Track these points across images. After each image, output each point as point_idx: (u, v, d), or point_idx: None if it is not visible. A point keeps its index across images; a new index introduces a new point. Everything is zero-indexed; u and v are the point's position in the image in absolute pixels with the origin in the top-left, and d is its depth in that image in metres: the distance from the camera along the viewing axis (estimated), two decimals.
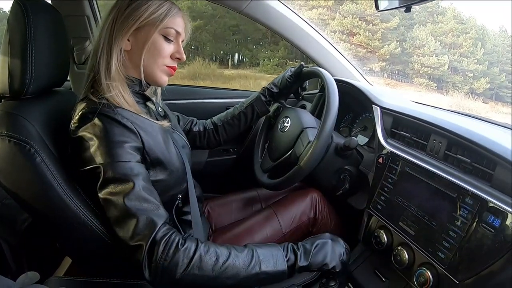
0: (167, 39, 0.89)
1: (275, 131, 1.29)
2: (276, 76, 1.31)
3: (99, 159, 0.74)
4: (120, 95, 0.83)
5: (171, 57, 0.92)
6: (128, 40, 0.87)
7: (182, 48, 0.93)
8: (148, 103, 0.96)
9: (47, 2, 0.86)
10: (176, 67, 0.94)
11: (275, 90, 1.27)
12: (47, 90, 0.89)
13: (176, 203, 0.95)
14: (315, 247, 0.85)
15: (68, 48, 0.93)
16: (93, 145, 0.75)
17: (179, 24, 0.91)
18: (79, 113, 0.78)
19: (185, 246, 0.72)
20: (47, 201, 0.75)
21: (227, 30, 17.93)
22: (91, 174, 0.76)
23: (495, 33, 18.60)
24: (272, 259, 0.79)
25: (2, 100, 0.82)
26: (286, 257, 0.81)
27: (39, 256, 1.32)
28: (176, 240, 0.72)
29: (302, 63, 1.25)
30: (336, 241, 0.89)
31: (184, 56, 0.93)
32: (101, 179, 0.74)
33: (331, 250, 0.86)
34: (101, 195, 0.74)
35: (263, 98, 1.27)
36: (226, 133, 1.30)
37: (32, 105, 0.80)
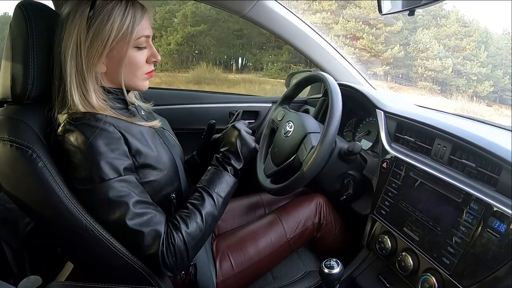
0: (139, 48, 0.84)
1: (278, 135, 1.28)
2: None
3: (88, 179, 0.74)
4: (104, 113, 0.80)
5: (147, 61, 0.87)
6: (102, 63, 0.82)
7: (154, 48, 0.88)
8: (131, 107, 0.93)
9: (49, 7, 0.86)
10: (154, 69, 0.90)
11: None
12: (49, 95, 0.89)
13: (172, 204, 0.92)
14: (236, 149, 0.97)
15: None
16: (80, 160, 0.73)
17: (147, 26, 0.84)
18: (62, 125, 0.76)
19: (175, 238, 0.78)
20: (48, 206, 0.74)
21: (231, 34, 17.97)
22: (84, 192, 0.75)
23: (498, 35, 18.49)
24: (223, 183, 0.91)
25: (4, 105, 0.82)
26: (230, 171, 0.94)
27: (42, 260, 1.32)
28: (172, 239, 0.78)
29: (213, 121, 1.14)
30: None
31: (159, 57, 0.89)
32: (94, 200, 0.75)
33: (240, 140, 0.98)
34: (99, 216, 0.76)
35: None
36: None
37: (34, 110, 0.80)
